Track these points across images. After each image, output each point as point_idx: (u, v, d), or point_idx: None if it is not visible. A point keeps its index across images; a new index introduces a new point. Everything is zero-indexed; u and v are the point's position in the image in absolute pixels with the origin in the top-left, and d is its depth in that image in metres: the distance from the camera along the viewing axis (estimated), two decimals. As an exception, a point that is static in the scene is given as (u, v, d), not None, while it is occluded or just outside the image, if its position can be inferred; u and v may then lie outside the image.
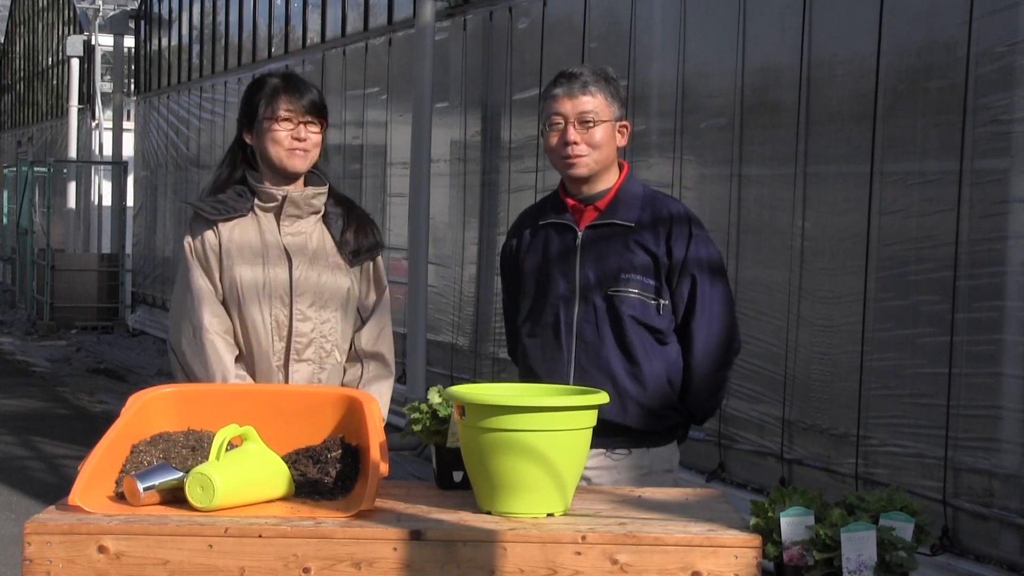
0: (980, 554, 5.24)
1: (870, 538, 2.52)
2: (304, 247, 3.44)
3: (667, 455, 3.45)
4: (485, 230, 9.32)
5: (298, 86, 3.46)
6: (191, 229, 3.48)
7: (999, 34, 5.24)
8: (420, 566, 2.55)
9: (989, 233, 5.23)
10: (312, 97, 3.45)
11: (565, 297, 3.42)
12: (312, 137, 3.44)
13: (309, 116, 3.43)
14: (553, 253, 3.46)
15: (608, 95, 3.42)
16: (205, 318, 3.36)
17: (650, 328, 3.37)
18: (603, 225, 3.42)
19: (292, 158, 3.42)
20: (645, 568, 2.56)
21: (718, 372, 3.45)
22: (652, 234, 3.39)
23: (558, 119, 3.41)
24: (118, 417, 2.90)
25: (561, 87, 3.42)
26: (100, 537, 2.56)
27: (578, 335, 3.39)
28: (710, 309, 3.40)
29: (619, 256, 3.38)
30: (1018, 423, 5.11)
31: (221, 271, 3.40)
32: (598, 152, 3.40)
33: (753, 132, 6.61)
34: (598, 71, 3.46)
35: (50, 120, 26.46)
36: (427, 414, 3.03)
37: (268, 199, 3.44)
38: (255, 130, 3.46)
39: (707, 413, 3.51)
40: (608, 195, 3.44)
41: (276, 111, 3.41)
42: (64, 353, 15.85)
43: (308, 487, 2.83)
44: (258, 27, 14.41)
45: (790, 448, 6.19)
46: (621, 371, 3.37)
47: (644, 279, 3.37)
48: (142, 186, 18.73)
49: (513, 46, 9.01)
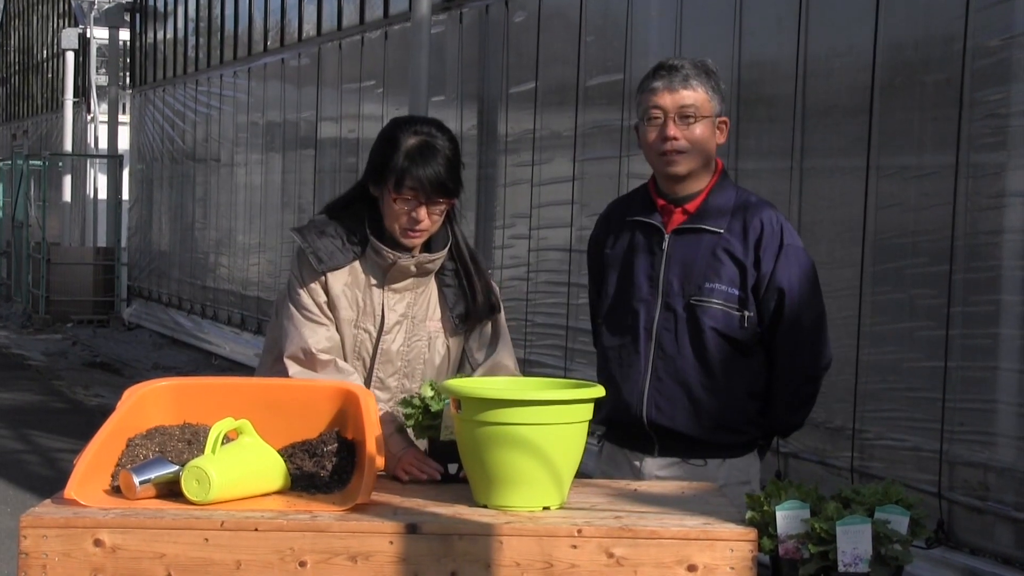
0: (975, 547, 5.24)
1: (865, 531, 2.52)
2: (402, 309, 3.24)
3: (743, 466, 3.35)
4: (481, 223, 9.31)
5: (429, 159, 3.12)
6: (300, 268, 3.21)
7: (996, 28, 5.23)
8: (416, 559, 2.56)
9: (985, 227, 5.23)
10: (440, 175, 3.12)
11: (647, 302, 3.30)
12: (433, 217, 3.15)
13: (434, 196, 3.14)
14: (639, 254, 3.33)
15: (710, 89, 3.27)
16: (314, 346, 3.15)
17: (732, 340, 3.26)
18: (691, 230, 3.29)
19: (405, 238, 3.17)
20: (641, 561, 2.56)
21: (803, 386, 3.35)
22: (741, 243, 3.25)
23: (657, 112, 3.25)
24: (114, 411, 2.89)
25: (661, 79, 3.26)
26: (96, 531, 2.56)
27: (657, 342, 3.28)
28: (797, 324, 3.27)
29: (705, 264, 3.25)
30: (1014, 417, 5.11)
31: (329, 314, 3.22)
32: (698, 149, 3.25)
33: (749, 126, 6.60)
34: (699, 63, 3.31)
35: (45, 113, 26.44)
36: (419, 408, 3.02)
37: (379, 257, 3.20)
38: (379, 187, 3.19)
39: (791, 427, 3.43)
40: (699, 197, 3.30)
41: (400, 187, 3.13)
42: (60, 347, 15.83)
43: (304, 481, 2.83)
44: (254, 20, 14.39)
45: (785, 441, 6.19)
46: (698, 384, 3.26)
47: (729, 289, 3.24)
48: (137, 180, 18.70)
49: (509, 40, 9.00)
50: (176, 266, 16.53)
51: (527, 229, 8.59)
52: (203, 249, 15.57)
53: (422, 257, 3.21)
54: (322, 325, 3.19)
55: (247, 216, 14.17)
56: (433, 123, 3.25)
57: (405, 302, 3.24)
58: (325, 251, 3.19)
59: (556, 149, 8.36)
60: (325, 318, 3.20)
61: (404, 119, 3.28)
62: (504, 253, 8.92)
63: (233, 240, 14.52)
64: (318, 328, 3.18)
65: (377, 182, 3.20)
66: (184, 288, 16.11)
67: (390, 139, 3.19)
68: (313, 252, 3.19)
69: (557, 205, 8.25)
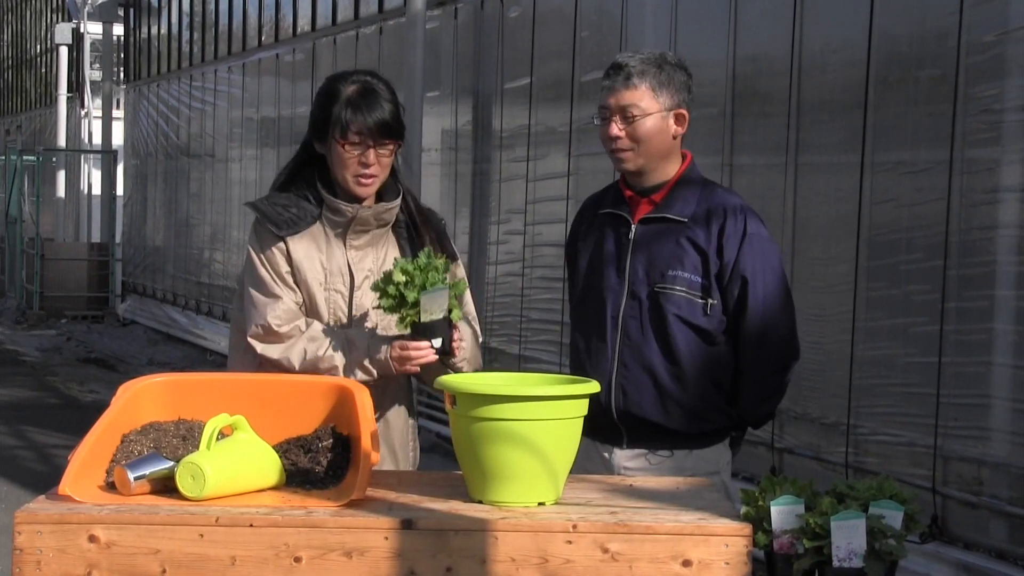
0: (969, 542, 5.25)
1: (860, 526, 2.52)
2: (368, 265, 3.28)
3: (712, 457, 3.36)
4: (476, 219, 9.30)
5: (373, 102, 3.19)
6: (258, 239, 3.25)
7: (990, 23, 5.24)
8: (411, 555, 2.55)
9: (980, 222, 5.23)
10: (384, 117, 3.19)
11: (614, 291, 3.34)
12: (382, 160, 3.22)
13: (381, 139, 3.20)
14: (607, 245, 3.39)
15: (655, 84, 3.29)
16: (271, 319, 3.19)
17: (696, 328, 3.29)
18: (656, 219, 3.33)
19: (358, 186, 3.22)
20: (636, 557, 2.56)
21: (770, 377, 3.36)
22: (704, 231, 3.29)
23: (604, 112, 3.33)
24: (108, 406, 2.89)
25: (609, 78, 3.32)
26: (91, 526, 2.55)
27: (623, 331, 3.32)
28: (762, 312, 3.29)
29: (669, 252, 3.29)
30: (1008, 412, 5.12)
31: (295, 282, 3.25)
32: (643, 146, 3.30)
33: (744, 121, 6.60)
34: (650, 58, 3.33)
35: (39, 108, 26.38)
36: (395, 298, 3.05)
37: (337, 214, 3.25)
38: (325, 142, 3.25)
39: (760, 418, 3.43)
40: (665, 188, 3.35)
41: (346, 135, 3.19)
42: (54, 342, 15.81)
43: (299, 476, 2.82)
44: (248, 15, 14.37)
45: (780, 437, 6.20)
46: (663, 371, 3.30)
47: (692, 277, 3.27)
48: (132, 175, 18.68)
49: (504, 35, 8.99)
50: (171, 261, 16.51)
51: (522, 225, 8.59)
52: (198, 245, 15.55)
53: (379, 207, 3.26)
54: (279, 299, 3.22)
55: (241, 212, 14.15)
56: (368, 72, 3.32)
57: (369, 258, 3.29)
58: (282, 218, 3.24)
59: (551, 144, 8.36)
60: (284, 288, 3.23)
61: (339, 73, 3.34)
62: (499, 249, 8.92)
63: (228, 236, 14.50)
64: (275, 303, 3.22)
65: (322, 137, 3.25)
66: (179, 284, 16.09)
67: (329, 92, 3.25)
68: (271, 220, 3.23)
69: (552, 201, 8.25)
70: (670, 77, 3.32)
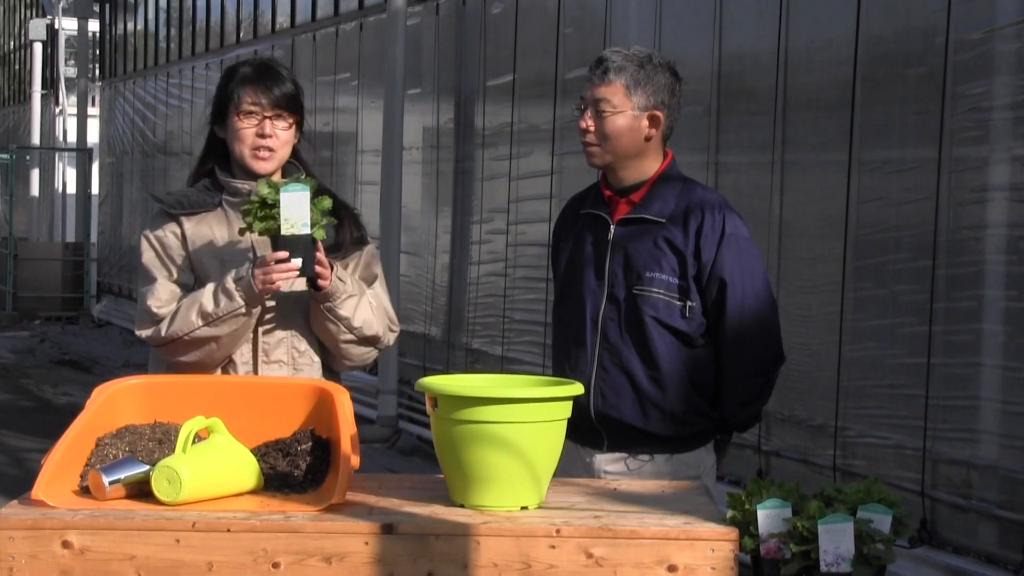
0: (958, 546, 5.23)
1: (848, 530, 2.51)
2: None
3: (693, 461, 3.34)
4: (458, 218, 9.27)
5: (268, 76, 3.24)
6: (152, 223, 3.31)
7: (977, 21, 5.23)
8: (392, 560, 2.53)
9: (968, 222, 5.22)
10: (282, 89, 3.23)
11: (593, 293, 3.32)
12: (280, 135, 3.24)
13: (277, 110, 3.23)
14: (587, 245, 3.37)
15: (631, 83, 3.26)
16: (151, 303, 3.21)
17: (674, 330, 3.26)
18: (635, 220, 3.30)
19: (256, 160, 3.23)
20: (620, 562, 2.54)
21: (752, 380, 3.32)
22: (682, 232, 3.26)
23: (581, 104, 3.32)
24: (83, 409, 2.87)
25: (590, 71, 3.31)
26: (64, 532, 2.54)
27: (602, 333, 3.30)
28: (742, 315, 3.26)
29: (647, 254, 3.27)
30: (997, 414, 5.10)
31: (192, 266, 3.25)
32: (609, 144, 3.28)
33: (730, 119, 6.58)
34: (634, 55, 3.29)
35: (13, 106, 26.26)
36: (256, 203, 3.04)
37: (234, 193, 3.25)
38: (225, 123, 3.28)
39: (743, 421, 3.39)
40: (644, 188, 3.32)
41: (240, 105, 3.22)
42: (28, 344, 15.72)
43: (278, 480, 2.80)
44: (226, 11, 14.32)
45: (767, 439, 6.17)
46: (641, 374, 3.28)
47: (670, 279, 3.25)
48: (107, 173, 18.60)
49: (486, 31, 8.96)
50: (148, 261, 16.42)
51: (505, 224, 8.55)
52: (176, 244, 15.47)
53: (278, 182, 3.19)
54: (156, 280, 3.22)
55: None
56: (265, 58, 3.49)
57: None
58: (176, 199, 3.28)
59: (534, 143, 8.33)
60: (167, 268, 3.24)
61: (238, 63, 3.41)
62: (481, 248, 8.88)
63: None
64: (153, 286, 3.22)
65: (222, 118, 3.28)
66: (157, 283, 16.01)
67: (226, 74, 3.31)
68: (164, 202, 3.27)
69: (535, 199, 8.21)
70: (649, 77, 3.28)
